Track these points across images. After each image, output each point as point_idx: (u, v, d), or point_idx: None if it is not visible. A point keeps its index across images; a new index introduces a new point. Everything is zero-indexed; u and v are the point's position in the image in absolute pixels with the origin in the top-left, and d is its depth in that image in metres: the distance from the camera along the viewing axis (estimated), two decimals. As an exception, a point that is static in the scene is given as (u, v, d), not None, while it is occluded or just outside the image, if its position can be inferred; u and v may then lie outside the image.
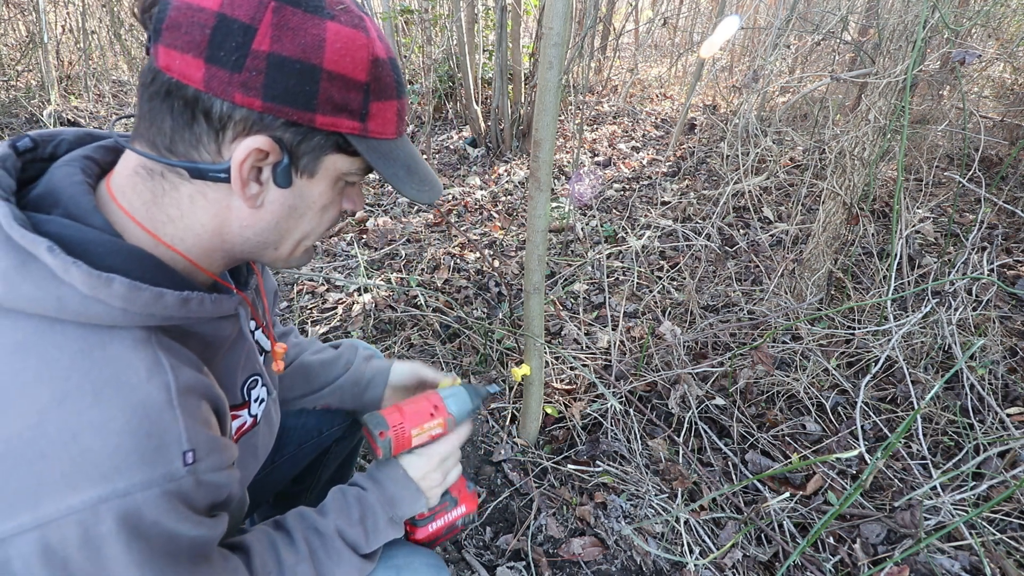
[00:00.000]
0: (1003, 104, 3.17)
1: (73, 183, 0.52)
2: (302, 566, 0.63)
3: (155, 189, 0.52)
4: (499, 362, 1.82)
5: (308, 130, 0.51)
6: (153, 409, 0.46)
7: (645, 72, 6.76)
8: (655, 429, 1.55)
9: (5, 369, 0.44)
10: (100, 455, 0.43)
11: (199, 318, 0.54)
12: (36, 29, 4.80)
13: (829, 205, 1.88)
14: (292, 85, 0.49)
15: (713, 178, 3.41)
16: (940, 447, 1.47)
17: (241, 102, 0.48)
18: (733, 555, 1.20)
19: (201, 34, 0.47)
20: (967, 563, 1.14)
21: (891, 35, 1.61)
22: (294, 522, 0.68)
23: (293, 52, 0.48)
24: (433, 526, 0.83)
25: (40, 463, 0.42)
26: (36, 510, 0.42)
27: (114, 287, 0.46)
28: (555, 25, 0.96)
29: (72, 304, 0.45)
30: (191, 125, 0.49)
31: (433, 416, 0.79)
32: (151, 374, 0.47)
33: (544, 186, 1.12)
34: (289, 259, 0.61)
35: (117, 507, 0.43)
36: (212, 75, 0.47)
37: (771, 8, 5.36)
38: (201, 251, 0.56)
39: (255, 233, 0.56)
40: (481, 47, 4.54)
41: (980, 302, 1.64)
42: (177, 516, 0.47)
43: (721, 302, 2.13)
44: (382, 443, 0.74)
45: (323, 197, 0.57)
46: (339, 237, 2.82)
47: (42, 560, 0.42)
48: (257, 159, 0.51)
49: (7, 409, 0.43)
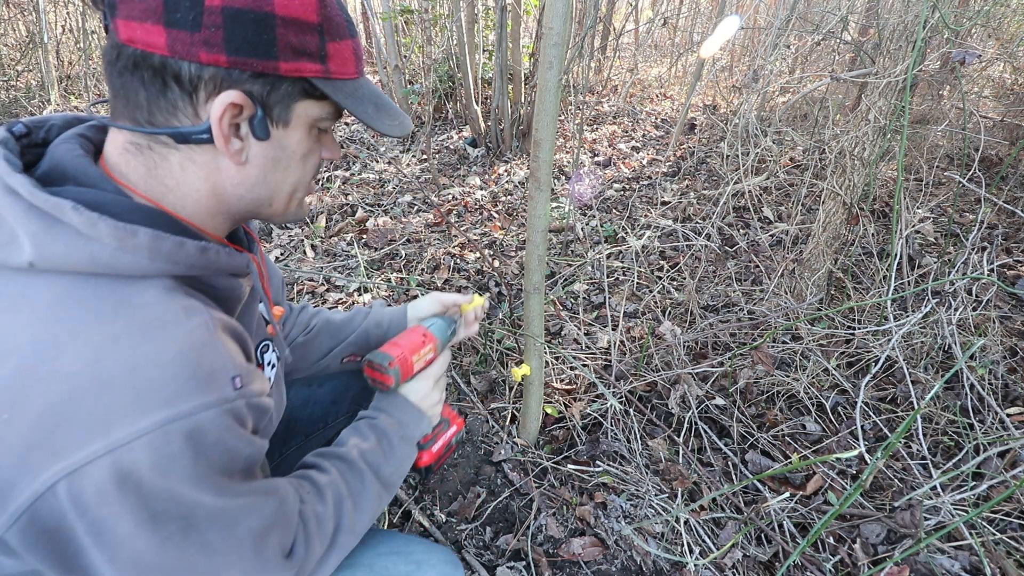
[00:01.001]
0: (1003, 104, 3.17)
1: (76, 156, 0.54)
2: (334, 487, 0.68)
3: (147, 163, 0.55)
4: (499, 362, 1.82)
5: (275, 79, 0.54)
6: (199, 341, 0.50)
7: (645, 72, 6.76)
8: (655, 429, 1.55)
9: (51, 320, 0.46)
10: (160, 383, 0.46)
11: (216, 270, 0.57)
12: (36, 29, 4.80)
13: (829, 205, 1.88)
14: (251, 35, 0.50)
15: (713, 178, 3.41)
16: (940, 447, 1.47)
17: (207, 60, 0.50)
18: (733, 555, 1.20)
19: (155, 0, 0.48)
20: (967, 563, 1.14)
21: (891, 35, 1.61)
22: (316, 457, 0.74)
23: (244, 3, 0.50)
24: (435, 447, 0.91)
25: (106, 395, 0.45)
26: (108, 436, 0.44)
27: (139, 237, 0.49)
28: (555, 25, 0.96)
29: (103, 257, 0.48)
30: (164, 92, 0.51)
31: (424, 343, 0.89)
32: (188, 313, 0.51)
33: (544, 186, 1.12)
34: (286, 213, 0.64)
35: (182, 427, 0.47)
36: (174, 38, 0.49)
37: (771, 8, 5.36)
38: (203, 215, 0.58)
39: (247, 190, 0.58)
40: (481, 47, 4.54)
41: (980, 302, 1.64)
42: (234, 434, 0.51)
43: (721, 302, 2.13)
44: (392, 371, 0.83)
45: (301, 145, 0.59)
46: (339, 237, 2.82)
47: (116, 484, 0.45)
48: (233, 115, 0.53)
49: (61, 353, 0.45)
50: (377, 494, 0.74)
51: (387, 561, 0.77)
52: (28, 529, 0.46)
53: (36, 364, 0.45)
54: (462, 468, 1.42)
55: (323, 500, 0.66)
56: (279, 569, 0.57)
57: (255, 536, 0.54)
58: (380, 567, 0.76)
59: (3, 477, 0.45)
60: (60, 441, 0.44)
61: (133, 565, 0.47)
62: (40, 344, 0.46)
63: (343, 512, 0.68)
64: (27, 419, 0.44)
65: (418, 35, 4.83)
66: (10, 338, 0.46)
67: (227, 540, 0.52)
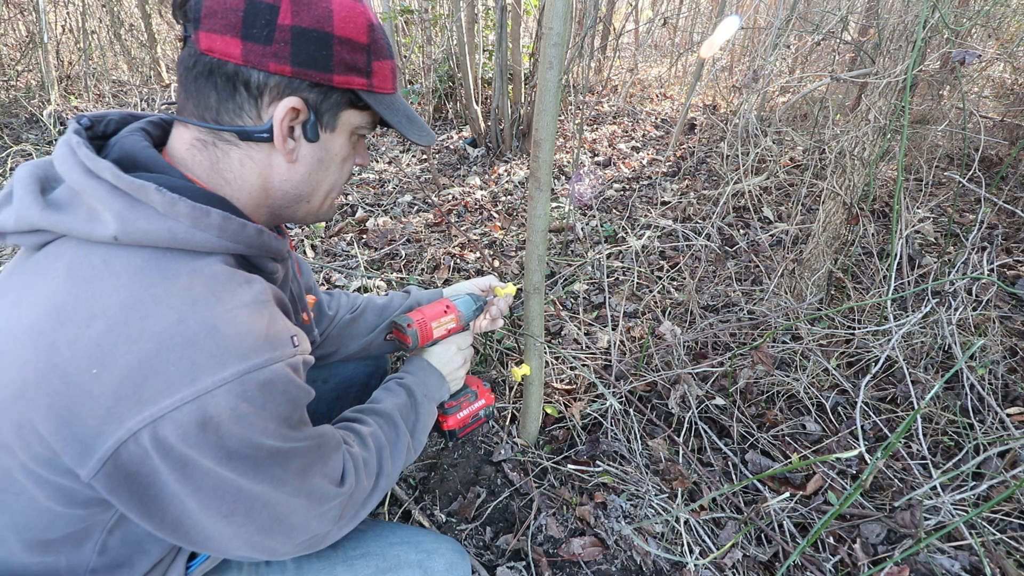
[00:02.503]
0: (1003, 104, 3.17)
1: (144, 147, 0.62)
2: (375, 436, 0.78)
3: (211, 157, 0.63)
4: (499, 362, 1.82)
5: (328, 89, 0.63)
6: (261, 305, 0.58)
7: (645, 72, 6.76)
8: (655, 429, 1.55)
9: (136, 286, 0.53)
10: (237, 340, 0.54)
11: (266, 252, 0.65)
12: (36, 29, 4.80)
13: (829, 205, 1.88)
14: (313, 51, 0.59)
15: (713, 178, 3.40)
16: (940, 447, 1.46)
17: (274, 70, 0.59)
18: (733, 555, 1.20)
19: (235, 16, 0.57)
20: (967, 563, 1.14)
21: (891, 35, 1.61)
22: (355, 412, 0.83)
23: (310, 23, 0.59)
24: (460, 414, 1.01)
25: (190, 349, 0.52)
26: (193, 384, 0.51)
27: (211, 217, 0.57)
28: (555, 25, 0.96)
29: (180, 234, 0.56)
30: (233, 96, 0.60)
31: (447, 313, 0.99)
32: (249, 283, 0.59)
33: (544, 186, 1.12)
34: (319, 212, 0.73)
35: (257, 377, 0.54)
36: (249, 50, 0.58)
37: (771, 8, 5.36)
38: (252, 207, 0.67)
39: (293, 186, 0.67)
40: (481, 47, 4.54)
41: (980, 302, 1.64)
42: (296, 384, 0.59)
43: (721, 302, 2.13)
44: (410, 332, 0.94)
45: (342, 149, 0.69)
46: (339, 237, 2.82)
47: (199, 427, 0.51)
48: (291, 118, 0.62)
49: (148, 315, 0.52)
50: (407, 444, 0.83)
51: (399, 550, 0.83)
52: (113, 474, 0.52)
53: (125, 324, 0.51)
54: (462, 468, 1.42)
55: (367, 447, 0.75)
56: (329, 497, 0.65)
57: (309, 469, 0.62)
58: (392, 555, 0.82)
59: (91, 426, 0.50)
60: (148, 391, 0.50)
61: (213, 491, 0.55)
62: (127, 307, 0.52)
63: (383, 458, 0.77)
64: (116, 373, 0.50)
65: (418, 35, 4.83)
66: (97, 303, 0.52)
67: (288, 472, 0.59)
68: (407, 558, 0.82)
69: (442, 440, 1.52)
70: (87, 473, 0.52)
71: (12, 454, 0.54)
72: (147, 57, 6.03)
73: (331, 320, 1.07)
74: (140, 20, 5.97)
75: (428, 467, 1.45)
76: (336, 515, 0.67)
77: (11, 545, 0.58)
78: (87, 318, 0.51)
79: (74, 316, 0.51)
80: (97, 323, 0.51)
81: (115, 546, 0.62)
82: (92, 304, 0.52)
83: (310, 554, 0.78)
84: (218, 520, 0.57)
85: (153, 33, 5.74)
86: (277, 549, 0.63)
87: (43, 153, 4.15)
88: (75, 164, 0.56)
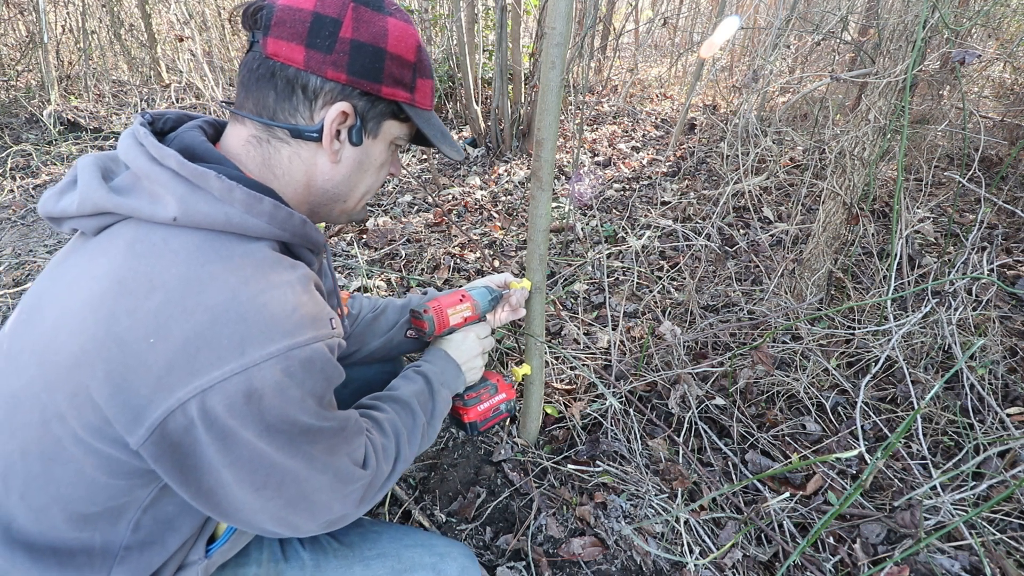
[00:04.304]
0: (1003, 104, 3.17)
1: (202, 142, 0.66)
2: (392, 422, 0.81)
3: (263, 154, 0.68)
4: (499, 362, 1.82)
5: (375, 99, 0.68)
6: (305, 288, 0.61)
7: (645, 72, 6.76)
8: (655, 429, 1.55)
9: (193, 263, 0.56)
10: (284, 318, 0.57)
11: (308, 241, 0.69)
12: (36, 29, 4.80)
13: (829, 205, 1.88)
14: (367, 63, 0.65)
15: (713, 178, 3.40)
16: (940, 447, 1.46)
17: (331, 77, 0.64)
18: (733, 555, 1.20)
19: (303, 27, 0.63)
20: (967, 563, 1.14)
21: (891, 35, 1.61)
22: (373, 399, 0.86)
23: (367, 39, 0.65)
24: (480, 407, 1.03)
25: (241, 324, 0.55)
26: (243, 357, 0.54)
27: (264, 204, 0.61)
28: (558, 25, 0.96)
29: (235, 218, 0.59)
30: (290, 97, 0.65)
31: (462, 301, 1.02)
32: (293, 267, 0.62)
33: (546, 185, 1.12)
34: (352, 212, 0.78)
35: (301, 354, 0.57)
36: (311, 57, 0.63)
37: (771, 8, 5.36)
38: (295, 202, 0.71)
39: (334, 185, 0.72)
40: (481, 47, 4.54)
41: (980, 302, 1.64)
42: (333, 364, 0.63)
43: (721, 302, 2.13)
44: (427, 317, 0.97)
45: (381, 156, 0.74)
46: (339, 237, 2.82)
47: (245, 398, 0.54)
48: (340, 121, 0.67)
49: (203, 289, 0.55)
50: (423, 430, 0.85)
51: (413, 552, 0.86)
52: (160, 443, 0.54)
53: (182, 297, 0.54)
54: (462, 468, 1.42)
55: (385, 433, 0.78)
56: (354, 478, 0.68)
57: (336, 449, 0.65)
58: (407, 557, 0.84)
59: (143, 395, 0.53)
60: (201, 361, 0.53)
61: (249, 463, 0.57)
62: (185, 282, 0.55)
63: (401, 443, 0.80)
64: (171, 343, 0.53)
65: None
66: (156, 276, 0.55)
67: (317, 449, 0.62)
68: (421, 560, 0.84)
69: (452, 437, 1.53)
70: (136, 441, 0.54)
71: (64, 423, 0.56)
72: (147, 57, 6.02)
73: (354, 319, 1.11)
74: (140, 20, 5.97)
75: (428, 467, 1.45)
76: (358, 497, 0.70)
77: (53, 517, 0.60)
78: (147, 290, 0.54)
79: (134, 288, 0.55)
80: (156, 295, 0.54)
81: (148, 524, 0.65)
82: (152, 277, 0.55)
83: (328, 552, 0.83)
84: (250, 492, 0.59)
85: (153, 33, 5.73)
86: (300, 525, 0.65)
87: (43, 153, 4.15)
88: (141, 152, 0.61)
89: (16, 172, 3.84)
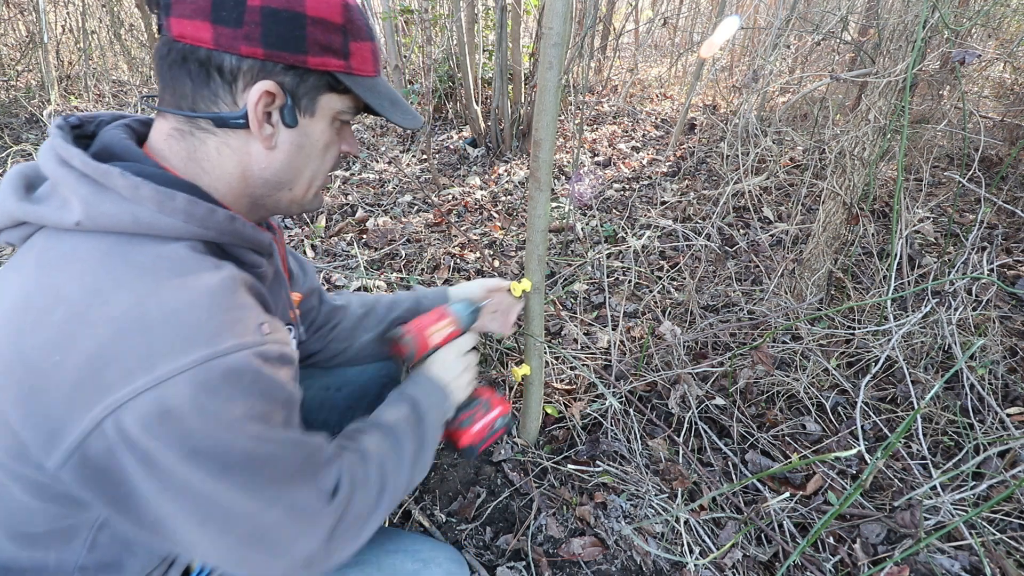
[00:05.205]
0: (1003, 104, 3.17)
1: (122, 139, 0.61)
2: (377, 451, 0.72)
3: (188, 147, 0.61)
4: (499, 362, 1.82)
5: (303, 72, 0.60)
6: (228, 291, 0.55)
7: (645, 72, 6.76)
8: (655, 429, 1.55)
9: (98, 271, 0.52)
10: (198, 326, 0.51)
11: (242, 240, 0.62)
12: (36, 29, 4.81)
13: (829, 205, 1.88)
14: (284, 32, 0.57)
15: (713, 178, 3.40)
16: (940, 447, 1.46)
17: (246, 52, 0.57)
18: (733, 555, 1.20)
19: (204, 0, 0.55)
20: (967, 563, 1.14)
21: (891, 35, 1.61)
22: (357, 424, 0.78)
23: (280, 3, 0.57)
24: (474, 428, 0.95)
25: (149, 335, 0.49)
26: (151, 372, 0.48)
27: (177, 201, 0.55)
28: (555, 25, 0.96)
29: (145, 218, 0.54)
30: (208, 83, 0.58)
31: (440, 319, 0.97)
32: (217, 268, 0.56)
33: (544, 186, 1.12)
34: (303, 201, 0.70)
35: (220, 364, 0.50)
36: (219, 33, 0.56)
37: (771, 8, 5.36)
38: (231, 197, 0.65)
39: (272, 173, 0.65)
40: (481, 47, 4.54)
41: (980, 302, 1.64)
42: (268, 377, 0.55)
43: (721, 302, 2.13)
44: (405, 341, 0.93)
45: (324, 135, 0.66)
46: (339, 237, 2.82)
47: (159, 418, 0.48)
48: (267, 103, 0.60)
49: (107, 300, 0.50)
50: (412, 456, 0.76)
51: (394, 559, 0.80)
52: (82, 466, 0.50)
53: (85, 310, 0.50)
54: (462, 468, 1.42)
55: (366, 462, 0.69)
56: (315, 512, 0.59)
57: (291, 479, 0.57)
58: (388, 564, 0.79)
59: (55, 416, 0.49)
60: (108, 378, 0.48)
61: (183, 493, 0.51)
62: (87, 293, 0.50)
63: (387, 472, 0.71)
64: (77, 360, 0.48)
65: (418, 35, 4.83)
66: (60, 289, 0.51)
67: (262, 479, 0.54)
68: (403, 568, 0.79)
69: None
70: (53, 464, 0.50)
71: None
72: (147, 57, 6.03)
73: (343, 311, 1.06)
74: (140, 20, 5.97)
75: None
76: (324, 535, 0.60)
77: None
78: (51, 304, 0.50)
79: (39, 303, 0.51)
80: (59, 309, 0.50)
81: (105, 543, 0.61)
82: (56, 290, 0.51)
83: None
84: (195, 526, 0.53)
85: (153, 33, 5.73)
86: (269, 566, 0.58)
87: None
88: (52, 156, 0.57)
89: (16, 172, 3.84)
